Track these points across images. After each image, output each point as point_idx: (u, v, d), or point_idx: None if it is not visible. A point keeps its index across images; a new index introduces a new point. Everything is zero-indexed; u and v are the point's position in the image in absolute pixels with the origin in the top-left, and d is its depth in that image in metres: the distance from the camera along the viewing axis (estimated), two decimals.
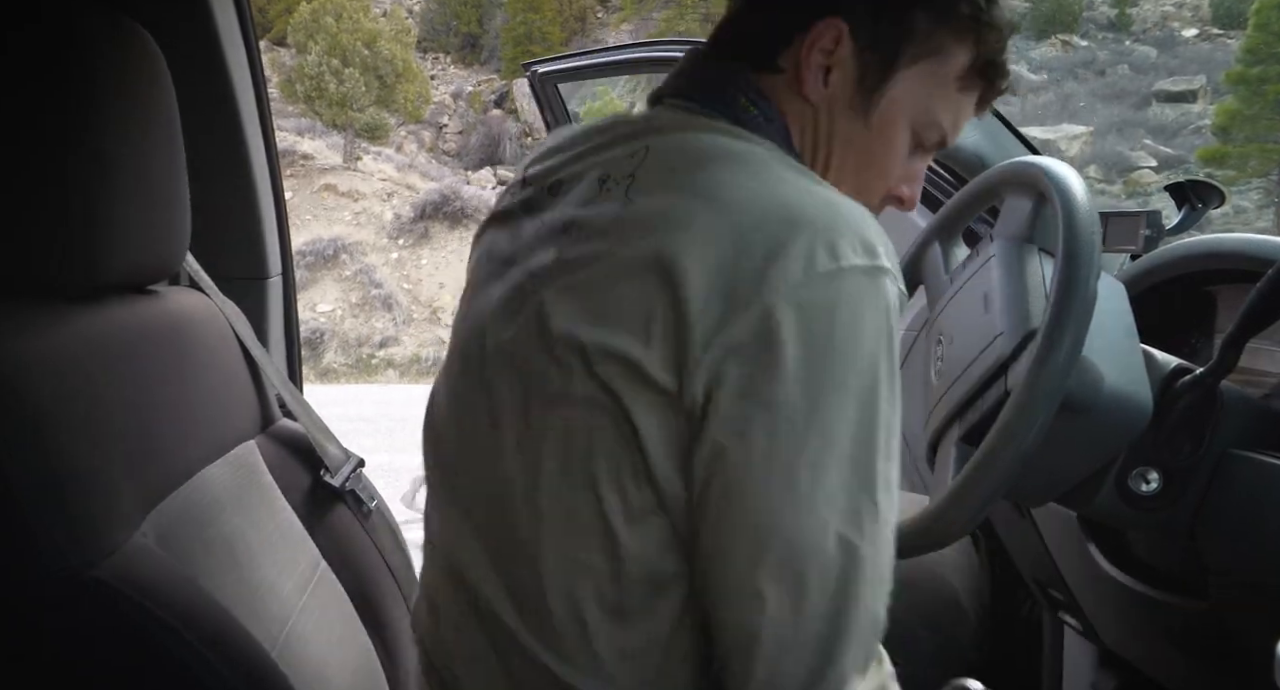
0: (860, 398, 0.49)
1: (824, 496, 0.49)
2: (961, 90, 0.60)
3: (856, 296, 0.49)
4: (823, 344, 0.48)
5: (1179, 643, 0.88)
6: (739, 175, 0.52)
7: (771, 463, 0.48)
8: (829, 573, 0.49)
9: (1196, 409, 0.74)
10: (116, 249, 0.69)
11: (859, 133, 0.59)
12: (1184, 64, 18.84)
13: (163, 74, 0.74)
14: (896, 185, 0.63)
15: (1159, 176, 14.83)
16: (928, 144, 0.62)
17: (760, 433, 0.48)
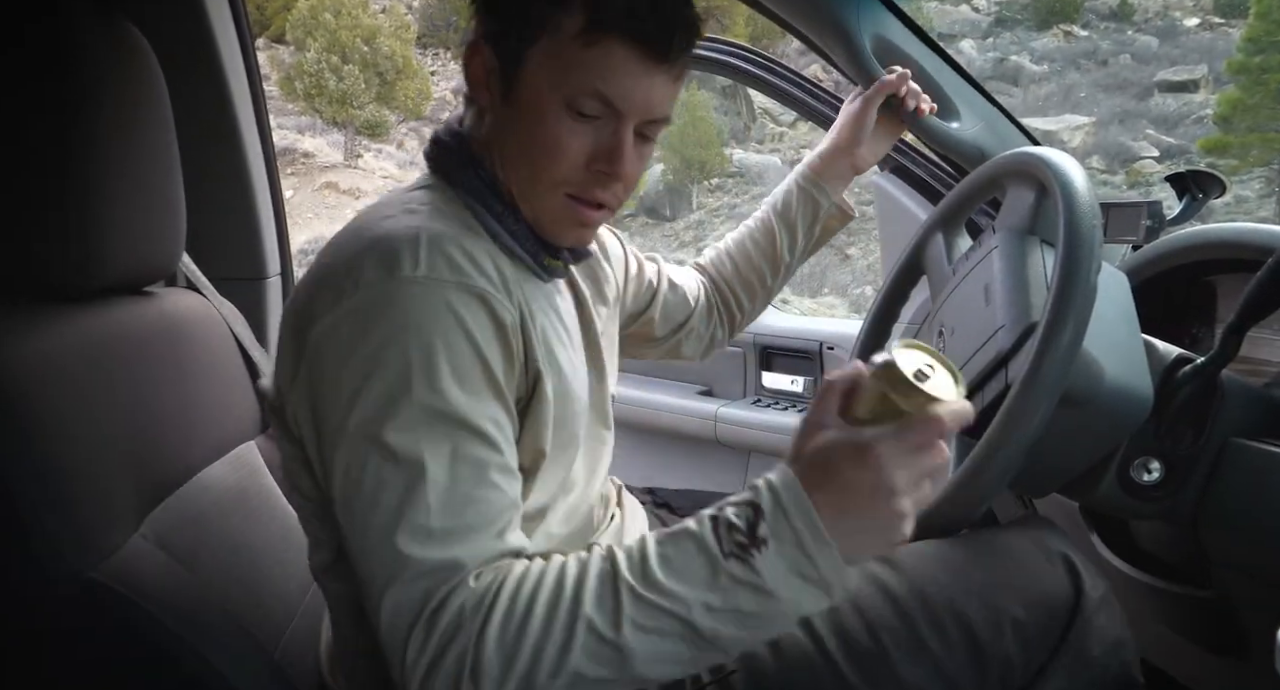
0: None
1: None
2: (586, 47, 0.60)
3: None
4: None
5: (1182, 630, 0.88)
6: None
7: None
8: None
9: (1198, 398, 0.74)
10: (112, 251, 0.69)
11: (511, 119, 0.64)
12: (1186, 53, 18.77)
13: (156, 75, 0.74)
14: (590, 161, 0.63)
15: (1161, 166, 14.78)
16: (588, 110, 0.62)
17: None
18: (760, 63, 1.43)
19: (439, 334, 0.57)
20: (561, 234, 0.67)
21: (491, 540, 0.56)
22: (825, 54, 1.10)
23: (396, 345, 0.56)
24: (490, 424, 0.58)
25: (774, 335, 1.66)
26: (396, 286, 0.57)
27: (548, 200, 0.65)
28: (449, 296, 0.58)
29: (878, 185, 1.38)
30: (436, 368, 0.56)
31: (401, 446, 0.55)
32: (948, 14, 21.68)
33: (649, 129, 0.65)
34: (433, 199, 0.65)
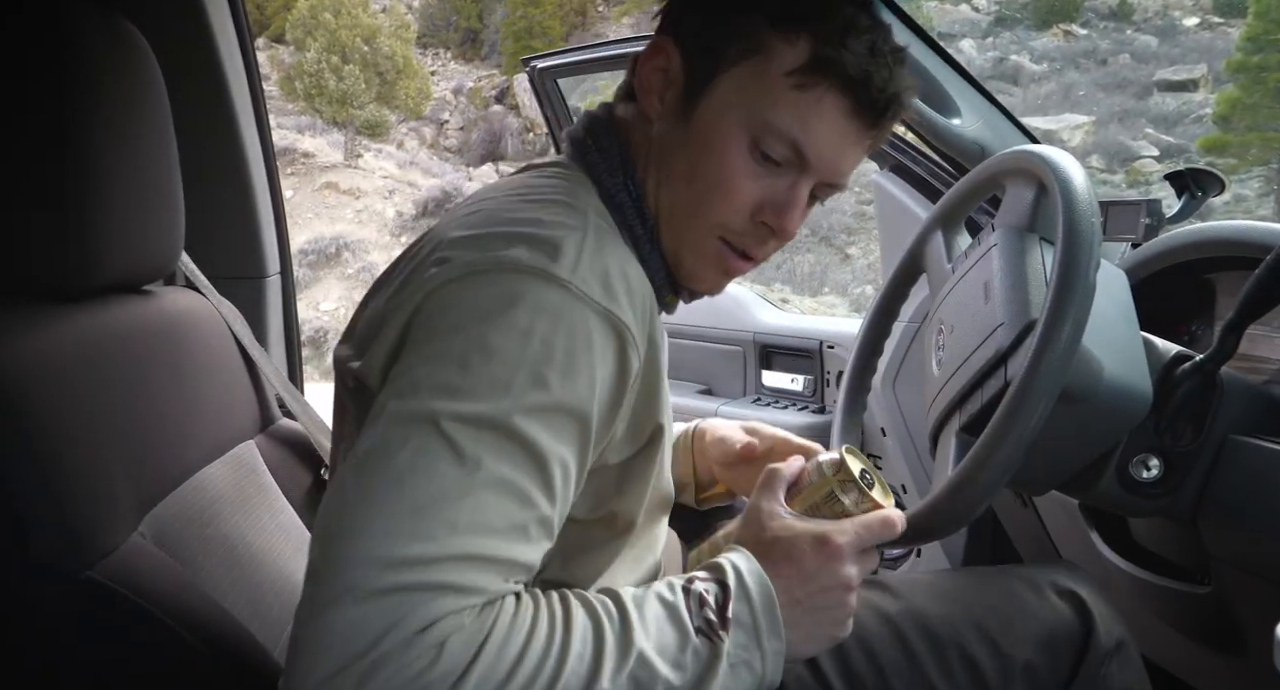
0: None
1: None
2: (798, 89, 0.54)
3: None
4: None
5: (1181, 627, 0.88)
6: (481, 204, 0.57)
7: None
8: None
9: (1197, 395, 0.74)
10: (110, 250, 0.68)
11: (682, 140, 0.58)
12: (1185, 53, 18.76)
13: (155, 73, 0.74)
14: (756, 210, 0.57)
15: (1161, 165, 14.78)
16: (775, 155, 0.56)
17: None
18: None
19: (562, 351, 0.48)
20: (701, 277, 0.61)
21: (499, 583, 0.47)
22: None
23: (515, 341, 0.48)
24: (559, 470, 0.49)
25: (774, 334, 1.66)
26: (544, 280, 0.49)
27: (700, 240, 0.59)
28: (590, 318, 0.49)
29: (878, 184, 1.39)
30: (542, 383, 0.48)
31: (459, 441, 0.46)
32: (948, 13, 21.67)
33: (823, 191, 0.60)
34: (584, 199, 0.57)
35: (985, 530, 1.26)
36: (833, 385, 1.57)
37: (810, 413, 1.59)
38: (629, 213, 0.59)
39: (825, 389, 1.59)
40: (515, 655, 0.46)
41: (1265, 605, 0.72)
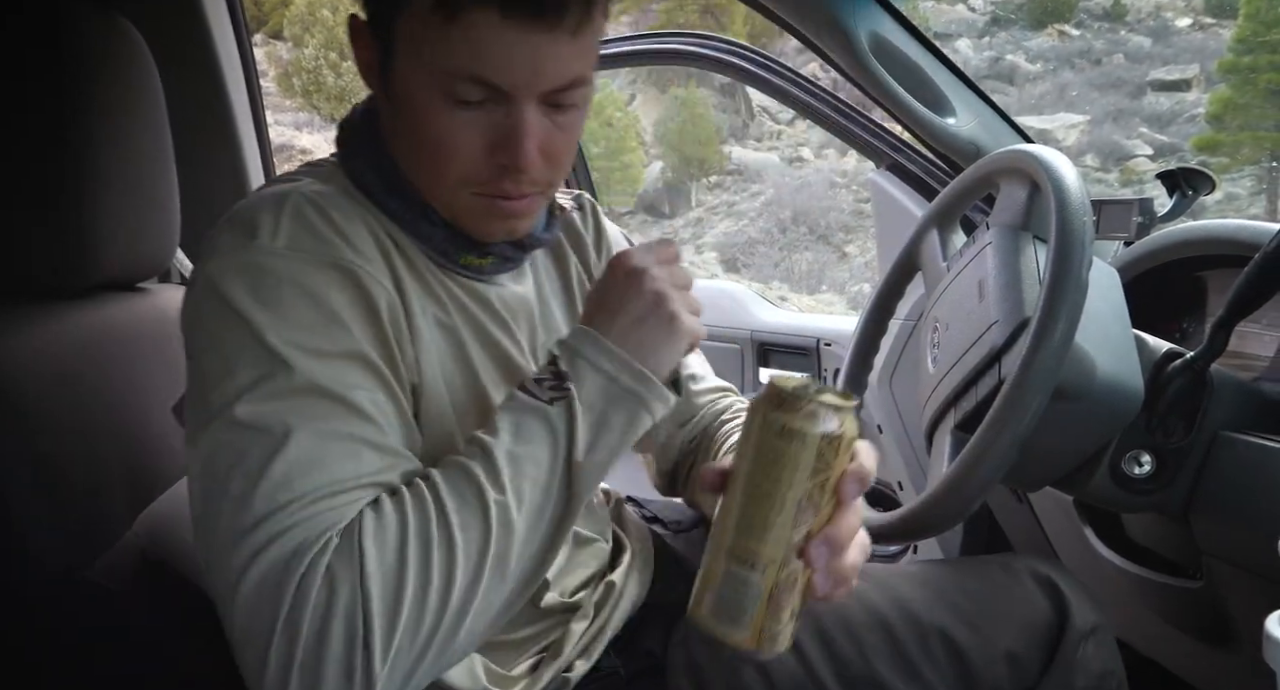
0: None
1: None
2: (448, 22, 0.50)
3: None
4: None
5: (1174, 622, 0.89)
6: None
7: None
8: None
9: (1188, 392, 0.74)
10: (105, 247, 0.68)
11: (394, 113, 0.56)
12: (1178, 53, 18.83)
13: (151, 71, 0.74)
14: (488, 154, 0.54)
15: (1155, 164, 14.84)
16: (470, 97, 0.52)
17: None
18: (758, 61, 1.43)
19: (288, 303, 0.50)
20: (487, 231, 0.59)
21: (349, 498, 0.49)
22: (823, 52, 1.11)
23: (244, 314, 0.50)
24: (361, 395, 0.51)
25: (771, 332, 1.67)
26: (249, 256, 0.51)
27: (456, 200, 0.57)
28: (307, 271, 0.51)
29: (874, 182, 1.39)
30: (290, 335, 0.50)
31: (253, 419, 0.48)
32: (944, 13, 21.69)
33: (561, 98, 0.54)
34: (308, 184, 0.57)
35: (980, 526, 1.27)
36: (830, 383, 1.58)
37: None
38: (378, 192, 0.58)
39: None
40: (395, 544, 0.47)
41: (1256, 599, 0.73)
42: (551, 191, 0.60)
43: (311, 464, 0.48)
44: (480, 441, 0.52)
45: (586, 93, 0.56)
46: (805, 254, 14.59)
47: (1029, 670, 0.70)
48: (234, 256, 0.52)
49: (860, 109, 1.38)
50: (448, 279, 0.61)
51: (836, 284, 13.61)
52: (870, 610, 0.71)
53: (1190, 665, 0.92)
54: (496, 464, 0.51)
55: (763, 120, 19.85)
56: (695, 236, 16.59)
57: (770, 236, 15.33)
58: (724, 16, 19.47)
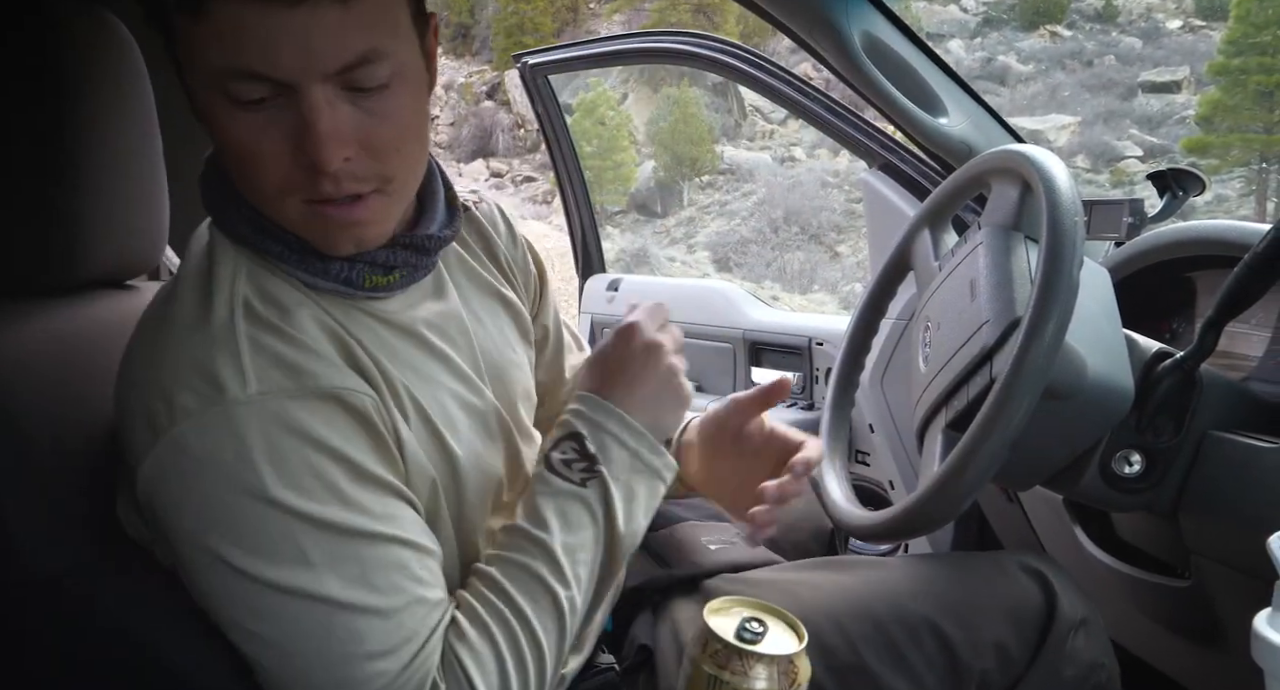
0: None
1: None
2: (194, 21, 0.46)
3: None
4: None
5: (1163, 621, 0.89)
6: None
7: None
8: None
9: (1177, 392, 0.75)
10: (93, 244, 0.68)
11: (212, 136, 0.52)
12: (1168, 55, 18.95)
13: (139, 67, 0.73)
14: (293, 157, 0.49)
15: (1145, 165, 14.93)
16: (250, 96, 0.47)
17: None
18: (751, 60, 1.43)
19: (292, 462, 0.48)
20: (332, 243, 0.54)
21: (437, 636, 0.52)
22: (815, 52, 1.11)
23: (248, 488, 0.48)
24: (388, 524, 0.51)
25: (763, 331, 1.67)
26: (224, 413, 0.48)
27: (287, 213, 0.52)
28: (290, 411, 0.49)
29: (866, 182, 1.39)
30: (304, 488, 0.48)
31: (300, 584, 0.48)
32: (936, 14, 21.76)
33: (357, 78, 0.48)
34: (224, 275, 0.53)
35: (971, 525, 1.28)
36: (822, 382, 1.58)
37: (799, 410, 1.60)
38: (259, 240, 0.54)
39: (814, 386, 1.60)
40: (496, 667, 0.52)
41: (1243, 598, 0.73)
42: (397, 187, 0.53)
43: (386, 614, 0.50)
44: (534, 538, 0.55)
45: (393, 69, 0.49)
46: (797, 253, 14.61)
47: (1017, 661, 0.70)
48: (201, 416, 0.48)
49: (853, 109, 1.38)
50: (366, 319, 0.57)
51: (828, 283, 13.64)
52: (857, 601, 0.71)
53: (1179, 664, 0.92)
54: (558, 560, 0.55)
55: (755, 120, 19.88)
56: (687, 236, 16.61)
57: (762, 236, 15.35)
58: (716, 16, 19.49)
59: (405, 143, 0.52)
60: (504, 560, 0.56)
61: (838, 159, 16.75)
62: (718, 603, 0.56)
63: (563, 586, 0.54)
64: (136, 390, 0.51)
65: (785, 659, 0.51)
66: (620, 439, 0.58)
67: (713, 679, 0.49)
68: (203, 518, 0.49)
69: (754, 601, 0.56)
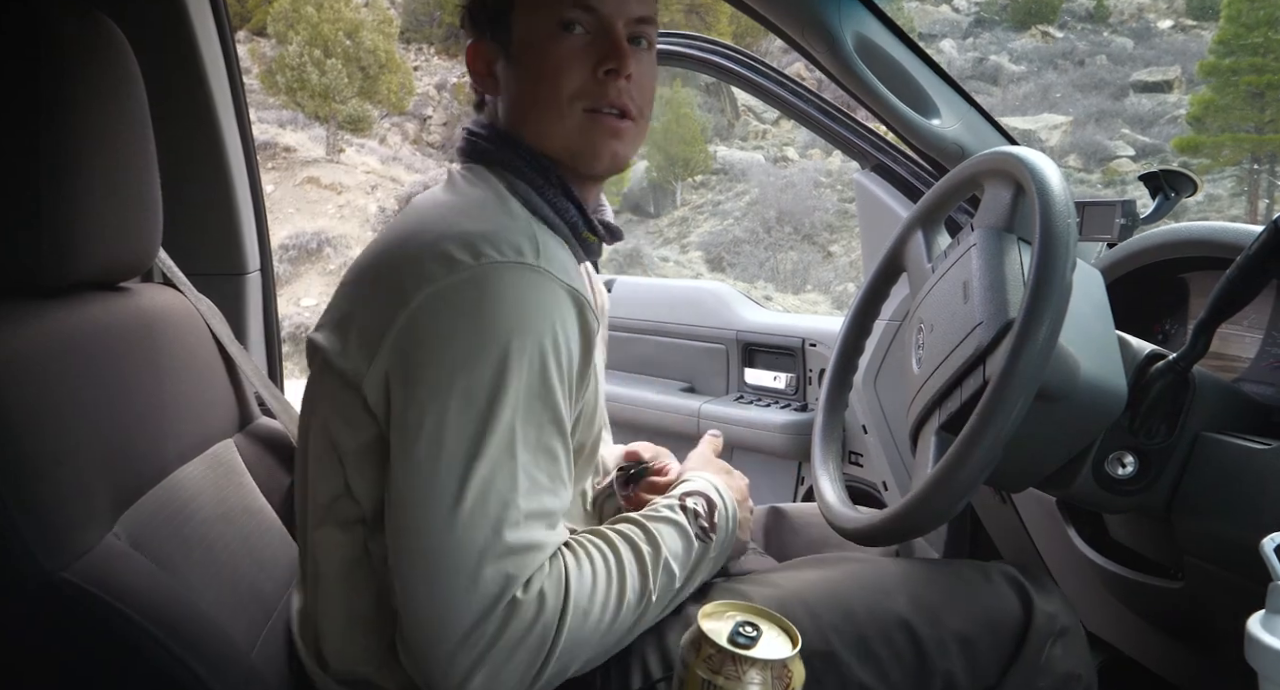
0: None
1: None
2: None
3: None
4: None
5: (1156, 622, 0.90)
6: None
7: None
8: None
9: (1170, 394, 0.75)
10: (87, 246, 0.67)
11: (519, 71, 0.70)
12: (1160, 55, 19.06)
13: (132, 69, 0.73)
14: (596, 69, 0.68)
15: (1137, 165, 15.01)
16: (581, 23, 0.68)
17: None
18: (743, 61, 1.43)
19: (549, 331, 0.60)
20: (598, 152, 0.70)
21: (559, 530, 0.61)
22: (807, 53, 1.11)
23: (512, 330, 0.58)
24: (567, 425, 0.62)
25: (756, 332, 1.67)
26: (520, 268, 0.60)
27: (571, 121, 0.68)
28: (557, 292, 0.61)
29: (859, 183, 1.39)
30: (543, 362, 0.59)
31: (499, 428, 0.57)
32: (928, 14, 21.83)
33: (642, 31, 0.70)
34: (489, 194, 0.67)
35: (964, 527, 1.28)
36: (815, 383, 1.58)
37: (793, 411, 1.60)
38: (529, 172, 0.69)
39: (807, 387, 1.60)
40: (589, 583, 0.61)
41: (1237, 599, 0.73)
42: (643, 127, 0.72)
43: (543, 489, 0.60)
44: (652, 538, 0.66)
45: (654, 34, 0.71)
46: (790, 254, 14.64)
47: (988, 666, 0.71)
48: (481, 267, 0.60)
49: (845, 110, 1.38)
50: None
51: (821, 284, 13.67)
52: (834, 592, 0.73)
53: (1172, 665, 0.93)
54: (659, 565, 0.65)
55: (748, 120, 19.90)
56: (680, 236, 16.62)
57: (755, 236, 15.37)
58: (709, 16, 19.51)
59: (649, 95, 0.72)
60: (621, 533, 0.66)
61: (831, 159, 16.79)
62: (711, 606, 0.56)
63: (652, 583, 0.64)
64: (428, 239, 0.62)
65: (779, 663, 0.51)
66: (729, 528, 0.72)
67: (706, 683, 0.49)
68: (455, 348, 0.58)
69: (748, 605, 0.56)
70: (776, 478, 1.64)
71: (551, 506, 0.60)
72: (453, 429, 0.57)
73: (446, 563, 0.57)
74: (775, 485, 1.64)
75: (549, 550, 0.59)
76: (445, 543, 0.57)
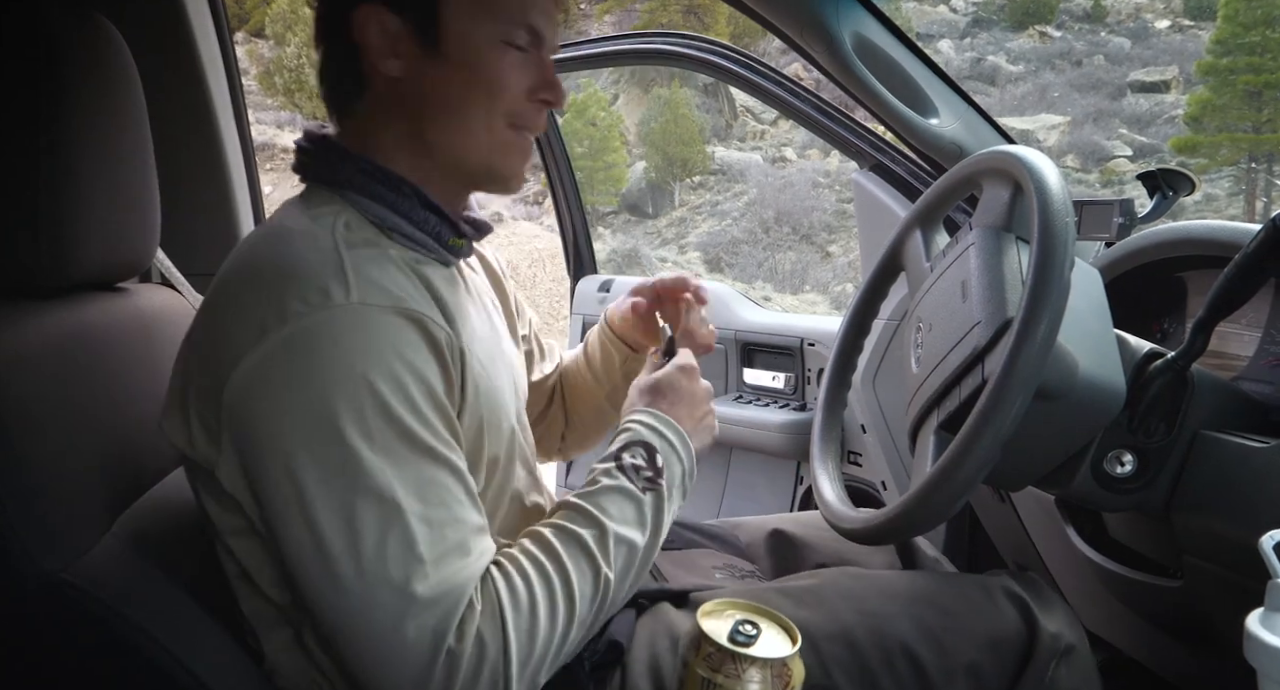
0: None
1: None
2: None
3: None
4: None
5: (1155, 621, 0.90)
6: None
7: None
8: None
9: (1169, 392, 0.75)
10: (84, 246, 0.67)
11: (442, 74, 0.64)
12: (1157, 55, 19.08)
13: (130, 70, 0.73)
14: (531, 93, 0.66)
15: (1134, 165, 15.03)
16: (522, 43, 0.65)
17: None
18: (741, 61, 1.43)
19: (382, 367, 0.55)
20: (515, 172, 0.68)
21: (478, 551, 0.57)
22: (806, 53, 1.11)
23: (341, 382, 0.54)
24: (446, 448, 0.57)
25: (755, 331, 1.67)
26: (329, 316, 0.55)
27: (498, 135, 0.66)
28: (380, 322, 0.56)
29: (858, 183, 1.40)
30: (385, 401, 0.55)
31: (366, 485, 0.54)
32: (926, 14, 21.85)
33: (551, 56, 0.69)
34: (326, 213, 0.62)
35: (963, 526, 1.28)
36: (814, 383, 1.58)
37: (792, 410, 1.60)
38: (376, 188, 0.64)
39: (806, 386, 1.60)
40: (527, 602, 0.56)
41: (1235, 598, 0.73)
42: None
43: (443, 524, 0.55)
44: (592, 517, 0.62)
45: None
46: (789, 254, 14.65)
47: (994, 684, 0.70)
48: (310, 317, 0.55)
49: (843, 109, 1.38)
50: (437, 269, 0.66)
51: (820, 284, 13.68)
52: (834, 621, 0.72)
53: (1171, 663, 0.93)
54: (608, 542, 0.61)
55: (746, 120, 19.91)
56: (679, 236, 16.63)
57: (754, 236, 15.38)
58: (707, 17, 19.52)
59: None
60: (558, 527, 0.61)
61: (829, 159, 16.80)
62: (711, 605, 0.56)
63: (606, 565, 0.60)
64: (238, 302, 0.58)
65: (779, 662, 0.51)
66: (681, 459, 0.67)
67: (706, 681, 0.50)
68: (289, 419, 0.54)
69: (747, 604, 0.56)
70: (775, 477, 1.64)
71: (460, 535, 0.56)
72: (320, 504, 0.53)
73: (366, 632, 0.53)
74: (774, 485, 1.64)
75: (474, 580, 0.55)
76: (357, 613, 0.53)
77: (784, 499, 1.62)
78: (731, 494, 1.71)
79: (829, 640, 0.70)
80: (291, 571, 0.56)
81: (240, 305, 0.58)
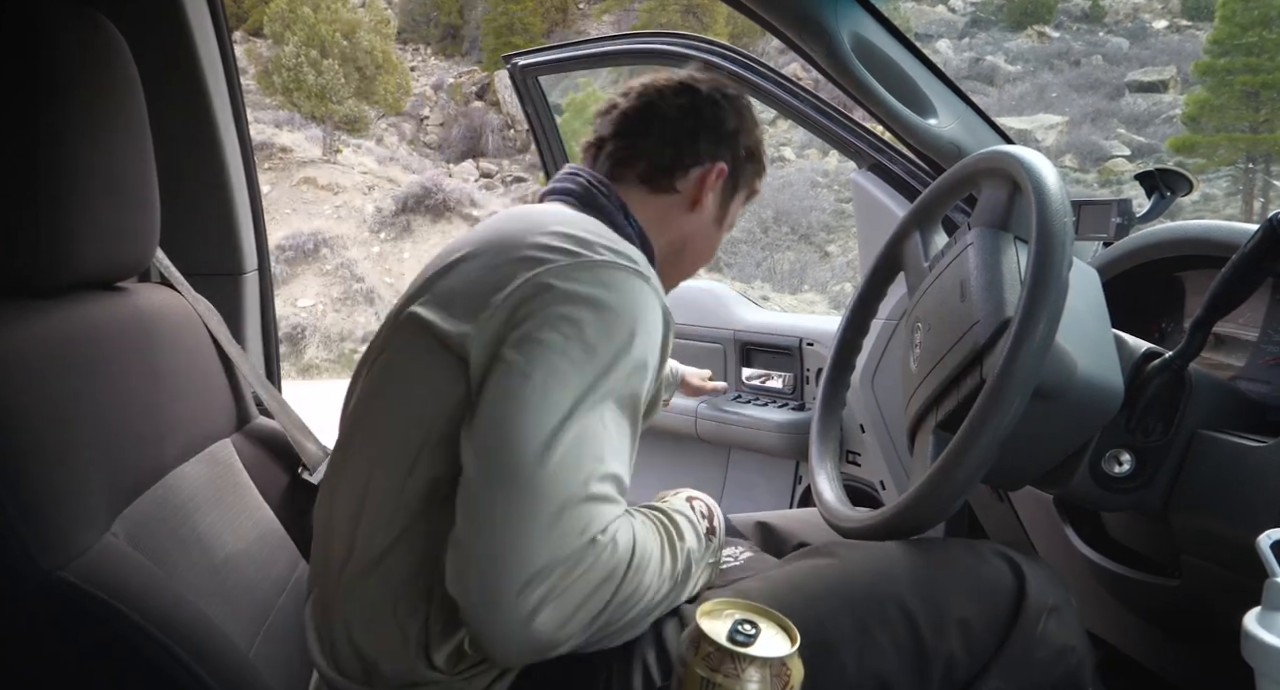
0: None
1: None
2: (749, 198, 0.90)
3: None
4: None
5: (1153, 620, 0.90)
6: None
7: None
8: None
9: (1167, 392, 0.75)
10: (83, 246, 0.67)
11: (707, 226, 0.86)
12: (1155, 55, 19.09)
13: (130, 69, 0.73)
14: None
15: (1132, 165, 15.04)
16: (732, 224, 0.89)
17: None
18: (740, 61, 1.43)
19: (657, 329, 0.68)
20: (671, 284, 0.89)
21: (623, 500, 0.65)
22: (804, 53, 1.11)
23: (633, 317, 0.65)
24: (641, 422, 0.69)
25: (754, 331, 1.67)
26: (632, 275, 0.67)
27: (686, 273, 0.88)
28: (660, 302, 0.69)
29: (856, 182, 1.40)
30: (646, 357, 0.66)
31: (598, 398, 0.62)
32: (924, 14, 21.86)
33: None
34: (604, 219, 0.77)
35: (962, 525, 1.28)
36: (813, 382, 1.58)
37: (790, 410, 1.60)
38: (634, 239, 0.79)
39: (805, 386, 1.60)
40: (646, 543, 0.65)
41: (1233, 597, 0.73)
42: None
43: (620, 458, 0.64)
44: (679, 528, 0.71)
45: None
46: (787, 253, 14.64)
47: (985, 642, 0.71)
48: (620, 270, 0.67)
49: (842, 109, 1.38)
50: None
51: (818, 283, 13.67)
52: (827, 579, 0.73)
53: (1169, 662, 0.93)
54: (682, 552, 0.70)
55: None
56: None
57: (752, 236, 15.37)
58: (706, 17, 19.51)
59: None
60: (654, 517, 0.71)
61: (827, 159, 16.79)
62: (709, 604, 0.56)
63: (678, 565, 0.68)
64: (554, 229, 0.70)
65: (778, 661, 0.51)
66: (720, 539, 0.79)
67: (705, 681, 0.49)
68: (583, 316, 0.64)
69: (746, 603, 0.56)
70: (774, 477, 1.64)
71: (623, 476, 0.64)
72: (562, 383, 0.61)
73: (534, 499, 0.58)
74: (773, 485, 1.64)
75: (620, 510, 0.62)
76: (536, 480, 0.58)
77: (783, 498, 1.62)
78: (730, 493, 1.71)
79: (825, 597, 0.71)
80: (493, 426, 0.61)
81: (560, 232, 0.71)
